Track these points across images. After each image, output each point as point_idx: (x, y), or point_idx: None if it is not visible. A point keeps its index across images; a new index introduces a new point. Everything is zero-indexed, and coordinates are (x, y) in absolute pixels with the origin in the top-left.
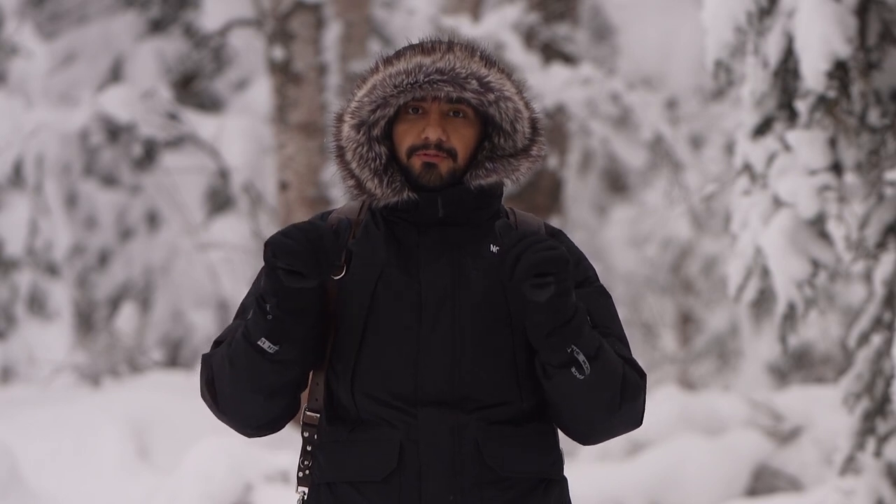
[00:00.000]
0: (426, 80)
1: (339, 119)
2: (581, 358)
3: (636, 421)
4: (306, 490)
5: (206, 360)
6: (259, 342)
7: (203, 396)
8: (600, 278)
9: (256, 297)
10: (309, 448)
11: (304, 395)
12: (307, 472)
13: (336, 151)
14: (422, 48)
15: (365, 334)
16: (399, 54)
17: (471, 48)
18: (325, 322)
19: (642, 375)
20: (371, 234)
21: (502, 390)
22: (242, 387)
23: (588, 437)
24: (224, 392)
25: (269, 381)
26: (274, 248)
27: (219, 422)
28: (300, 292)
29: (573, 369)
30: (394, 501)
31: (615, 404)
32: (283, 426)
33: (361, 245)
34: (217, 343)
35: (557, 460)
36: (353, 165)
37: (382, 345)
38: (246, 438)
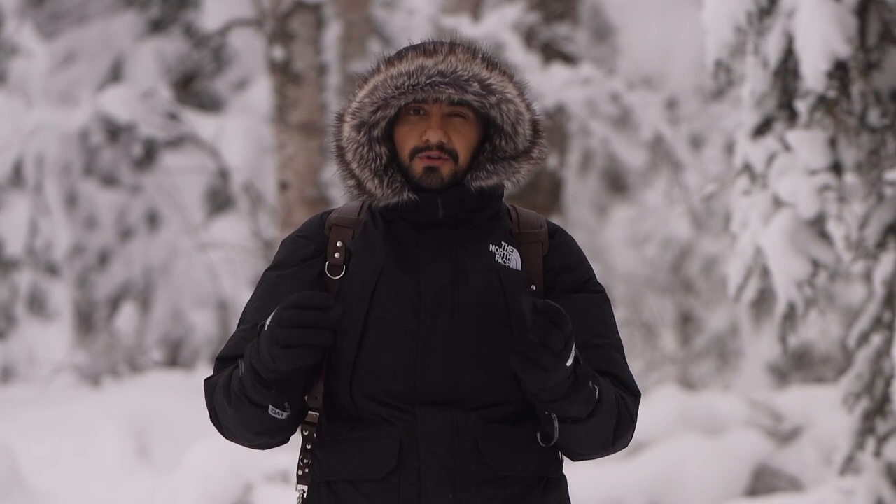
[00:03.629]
0: (428, 82)
1: (340, 119)
2: (556, 426)
3: (625, 447)
4: (306, 488)
5: (209, 388)
6: (269, 412)
7: (210, 419)
8: (600, 278)
9: (251, 366)
10: (308, 446)
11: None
12: (307, 470)
13: (336, 151)
14: (423, 49)
15: (364, 333)
16: (401, 55)
17: (473, 50)
18: None
19: (637, 395)
20: (371, 233)
21: (501, 389)
22: (249, 429)
23: (577, 460)
24: (230, 429)
25: (274, 425)
26: (273, 346)
27: None
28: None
29: (552, 430)
30: (393, 500)
31: (608, 444)
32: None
33: (361, 245)
34: (220, 360)
35: (556, 459)
36: (354, 166)
37: (382, 344)
38: None
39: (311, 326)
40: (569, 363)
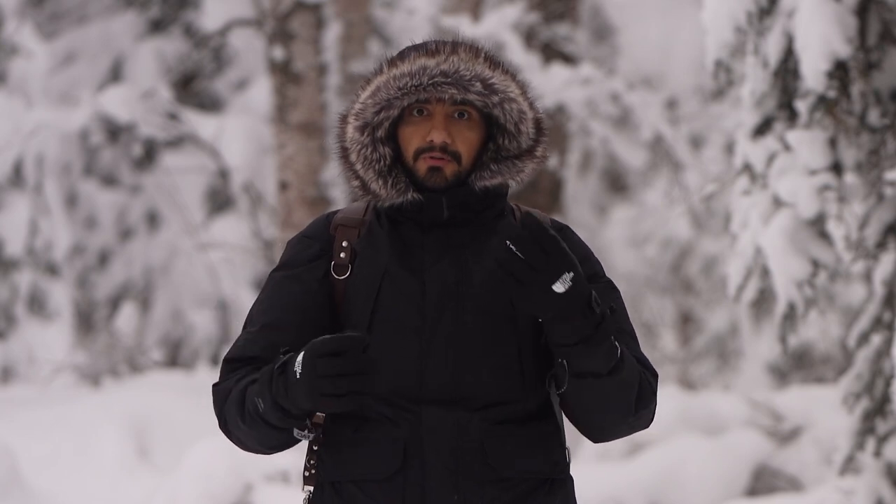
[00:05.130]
0: (430, 82)
1: (344, 120)
2: (567, 374)
3: (648, 423)
4: (312, 489)
5: (219, 396)
6: (294, 434)
7: (220, 427)
8: None
9: (277, 404)
10: (315, 447)
11: None
12: (313, 471)
13: (340, 152)
14: (426, 49)
15: (369, 333)
16: (403, 56)
17: (475, 49)
18: (330, 323)
19: (655, 375)
20: (375, 234)
21: (506, 389)
22: (264, 445)
23: (599, 437)
24: (243, 441)
25: (285, 439)
26: (316, 396)
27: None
28: None
29: (563, 378)
30: (397, 500)
31: (630, 411)
32: None
33: (366, 245)
34: (228, 362)
35: (562, 460)
36: (358, 167)
37: (386, 343)
38: None
39: (355, 373)
40: (560, 289)
